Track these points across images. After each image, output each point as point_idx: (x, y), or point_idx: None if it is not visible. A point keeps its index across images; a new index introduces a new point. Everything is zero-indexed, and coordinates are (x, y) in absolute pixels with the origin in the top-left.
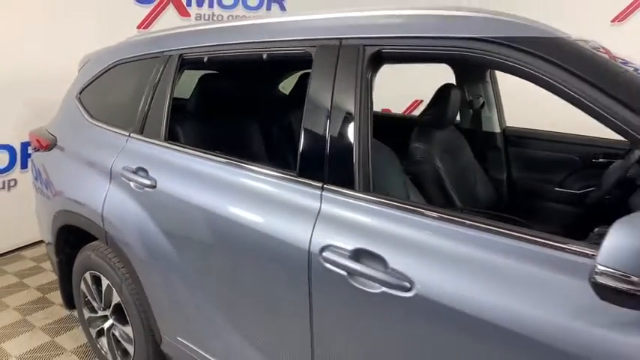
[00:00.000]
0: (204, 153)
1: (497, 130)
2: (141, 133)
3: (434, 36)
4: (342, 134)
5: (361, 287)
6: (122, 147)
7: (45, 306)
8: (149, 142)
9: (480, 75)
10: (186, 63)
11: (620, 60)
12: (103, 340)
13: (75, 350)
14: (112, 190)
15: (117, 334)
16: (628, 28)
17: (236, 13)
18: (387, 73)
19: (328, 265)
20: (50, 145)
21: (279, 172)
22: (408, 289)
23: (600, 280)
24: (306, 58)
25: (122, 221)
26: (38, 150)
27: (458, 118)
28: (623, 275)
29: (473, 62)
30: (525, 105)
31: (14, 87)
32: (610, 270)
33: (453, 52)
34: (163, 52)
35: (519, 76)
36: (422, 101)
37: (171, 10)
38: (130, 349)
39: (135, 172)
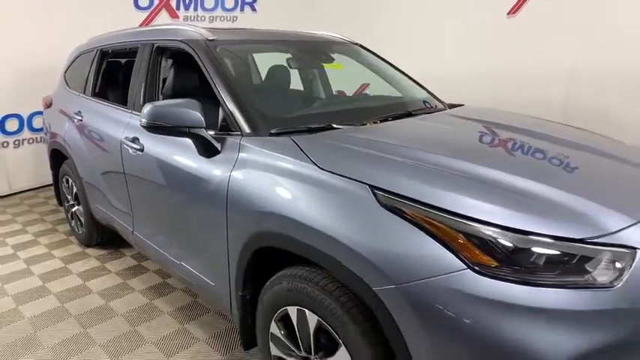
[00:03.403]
0: (101, 100)
1: None
2: (84, 92)
3: (168, 39)
4: (139, 84)
5: (131, 152)
6: (75, 100)
7: (56, 212)
8: (85, 97)
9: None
10: (104, 54)
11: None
12: (72, 221)
13: (66, 232)
14: (67, 125)
15: (78, 213)
16: (520, 20)
17: (216, 14)
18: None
19: (125, 146)
20: (49, 104)
21: (121, 106)
22: (143, 150)
23: (142, 125)
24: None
25: (70, 141)
26: (45, 108)
27: None
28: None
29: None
30: None
31: (47, 73)
32: (142, 120)
33: (176, 48)
34: (95, 47)
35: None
36: (368, 84)
37: (164, 14)
38: (83, 219)
39: (76, 113)
